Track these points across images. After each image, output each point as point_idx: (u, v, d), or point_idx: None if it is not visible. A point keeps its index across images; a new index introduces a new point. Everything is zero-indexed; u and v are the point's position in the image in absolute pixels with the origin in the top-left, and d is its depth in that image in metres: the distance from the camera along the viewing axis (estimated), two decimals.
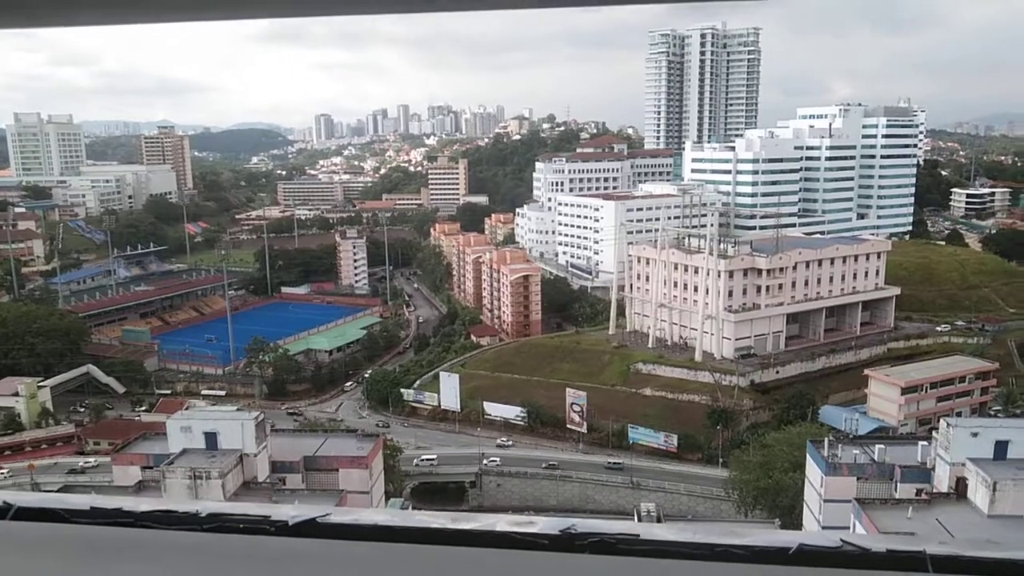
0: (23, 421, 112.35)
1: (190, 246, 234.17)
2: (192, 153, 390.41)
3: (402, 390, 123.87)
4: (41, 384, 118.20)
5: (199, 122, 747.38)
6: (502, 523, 2.25)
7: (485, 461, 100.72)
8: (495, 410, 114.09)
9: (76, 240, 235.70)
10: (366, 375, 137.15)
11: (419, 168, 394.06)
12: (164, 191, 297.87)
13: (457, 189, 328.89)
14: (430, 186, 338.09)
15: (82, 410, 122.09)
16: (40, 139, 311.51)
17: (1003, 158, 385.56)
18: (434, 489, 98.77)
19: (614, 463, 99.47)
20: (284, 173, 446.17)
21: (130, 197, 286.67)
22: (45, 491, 58.50)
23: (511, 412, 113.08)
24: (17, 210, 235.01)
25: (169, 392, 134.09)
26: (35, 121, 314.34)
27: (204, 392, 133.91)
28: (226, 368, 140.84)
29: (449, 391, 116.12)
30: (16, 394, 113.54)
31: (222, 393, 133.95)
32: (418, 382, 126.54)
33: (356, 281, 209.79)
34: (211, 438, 56.64)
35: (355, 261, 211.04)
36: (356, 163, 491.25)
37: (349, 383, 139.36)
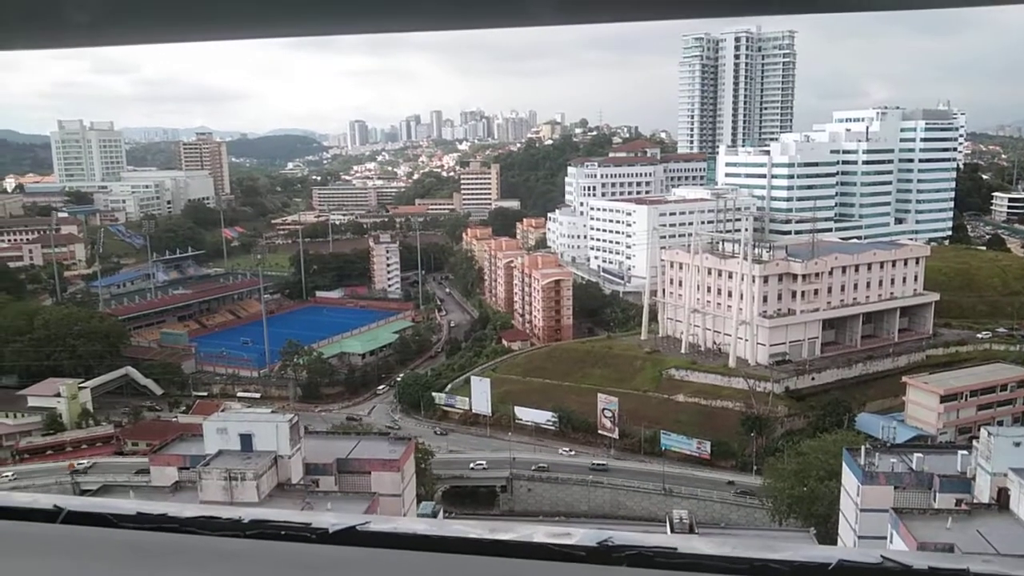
0: (64, 421, 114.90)
1: (227, 250, 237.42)
2: (229, 159, 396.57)
3: (434, 394, 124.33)
4: (82, 385, 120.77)
5: (236, 129, 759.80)
6: (539, 534, 2.23)
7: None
8: (526, 415, 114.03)
9: (116, 244, 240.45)
10: (398, 379, 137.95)
11: (451, 173, 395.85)
12: (202, 196, 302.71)
13: (489, 194, 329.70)
14: (462, 191, 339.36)
15: (124, 411, 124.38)
16: (83, 145, 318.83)
17: None
18: (465, 493, 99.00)
19: (598, 464, 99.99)
20: (319, 178, 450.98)
21: (169, 202, 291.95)
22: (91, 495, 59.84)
23: (542, 417, 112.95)
24: (60, 215, 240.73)
25: (205, 394, 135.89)
26: (77, 128, 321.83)
27: (240, 394, 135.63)
28: (261, 371, 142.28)
29: (480, 395, 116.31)
30: (58, 395, 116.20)
31: (257, 395, 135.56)
32: (449, 386, 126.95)
33: (389, 285, 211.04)
34: (246, 440, 57.35)
35: (388, 265, 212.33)
36: (389, 168, 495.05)
37: (382, 386, 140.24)
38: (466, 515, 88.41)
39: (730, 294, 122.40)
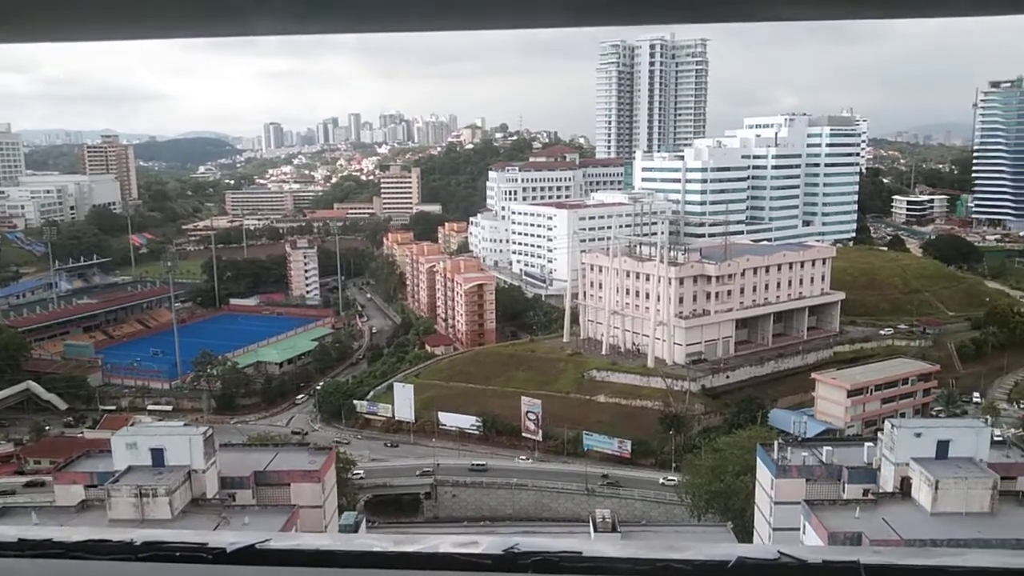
0: None
1: (135, 258, 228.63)
2: (137, 162, 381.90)
3: (355, 402, 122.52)
4: None
5: (144, 131, 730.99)
6: (445, 544, 2.22)
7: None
8: (450, 420, 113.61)
9: (15, 252, 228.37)
10: (318, 387, 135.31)
11: (371, 177, 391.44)
12: (108, 201, 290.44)
13: (410, 198, 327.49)
14: (382, 195, 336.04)
15: (25, 428, 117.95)
16: None
17: (941, 166, 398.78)
18: (388, 501, 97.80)
19: (477, 465, 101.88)
20: (232, 182, 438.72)
21: (72, 208, 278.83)
22: None
23: (466, 422, 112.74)
24: None
25: (114, 408, 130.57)
26: None
27: (150, 407, 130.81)
28: (173, 382, 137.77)
29: (403, 402, 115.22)
30: None
31: (169, 408, 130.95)
32: (372, 393, 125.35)
33: (307, 292, 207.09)
34: (158, 454, 55.16)
35: (306, 271, 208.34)
36: (306, 172, 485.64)
37: (301, 396, 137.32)
38: (389, 523, 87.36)
39: (648, 296, 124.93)
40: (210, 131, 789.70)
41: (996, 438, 62.73)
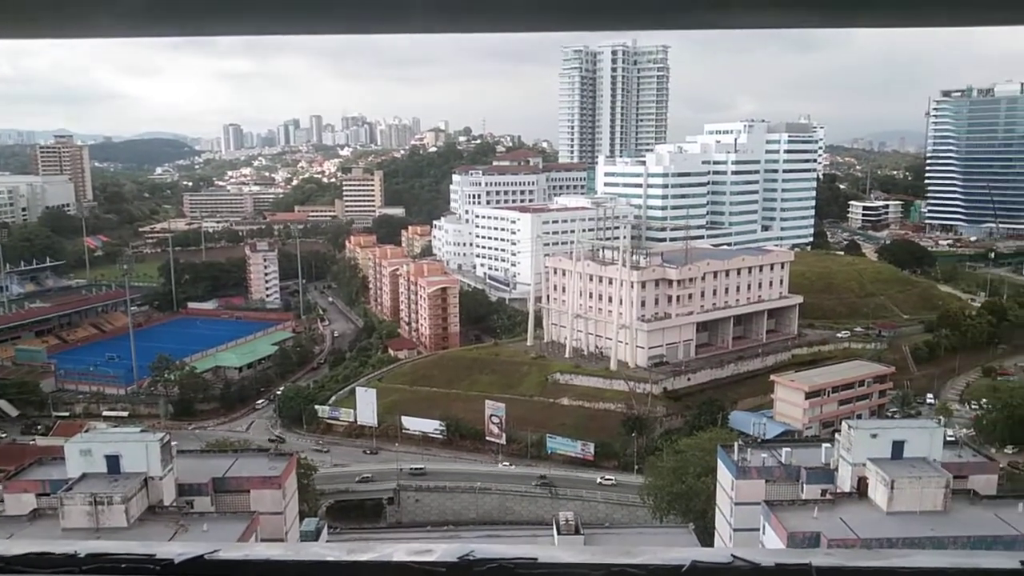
0: None
1: (90, 260, 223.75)
2: (92, 163, 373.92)
3: (316, 407, 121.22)
4: None
5: (99, 131, 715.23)
6: (399, 552, 2.18)
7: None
8: (413, 424, 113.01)
9: None
10: (279, 392, 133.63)
11: (333, 179, 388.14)
12: (61, 203, 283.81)
13: (373, 201, 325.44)
14: (345, 198, 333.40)
15: None
16: None
17: (895, 172, 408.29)
18: (350, 507, 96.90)
19: (416, 468, 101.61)
20: (190, 184, 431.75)
21: (24, 209, 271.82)
22: None
23: (430, 426, 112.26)
24: None
25: (67, 414, 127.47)
26: None
27: (105, 413, 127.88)
28: (129, 388, 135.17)
29: (366, 406, 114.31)
30: None
31: (125, 414, 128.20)
32: (333, 398, 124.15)
33: (267, 295, 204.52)
34: (113, 461, 53.95)
35: (266, 275, 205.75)
36: (267, 174, 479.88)
37: (261, 401, 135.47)
38: (351, 530, 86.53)
39: (610, 299, 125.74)
40: (168, 132, 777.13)
41: (949, 438, 64.33)
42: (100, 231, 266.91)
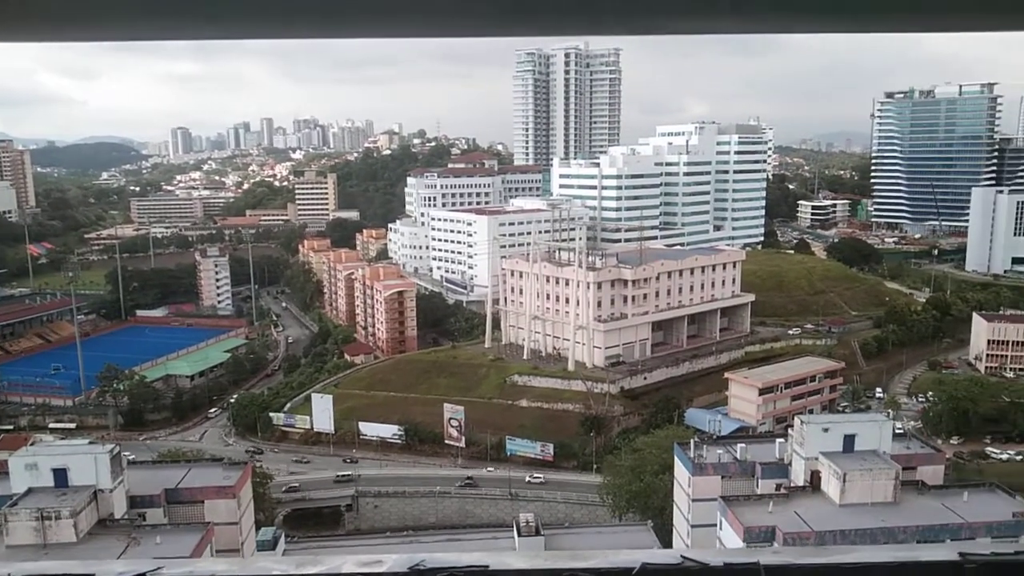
0: None
1: (33, 268, 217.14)
2: (34, 168, 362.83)
3: (271, 414, 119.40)
4: None
5: (42, 135, 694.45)
6: (349, 564, 2.13)
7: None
8: (371, 430, 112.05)
9: None
10: (232, 400, 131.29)
11: (285, 183, 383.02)
12: (2, 210, 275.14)
13: (326, 204, 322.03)
14: (297, 201, 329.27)
15: None
16: None
17: (842, 172, 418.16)
18: (308, 515, 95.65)
19: (343, 476, 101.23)
20: (138, 189, 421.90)
21: None
22: None
23: (388, 431, 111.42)
24: None
25: (11, 427, 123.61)
26: None
27: (52, 425, 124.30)
28: (76, 399, 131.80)
29: (322, 413, 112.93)
30: None
31: (72, 426, 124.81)
32: (289, 405, 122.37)
33: (219, 301, 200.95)
34: (60, 475, 52.41)
35: (217, 280, 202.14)
36: (217, 178, 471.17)
37: (214, 409, 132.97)
38: (309, 538, 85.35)
39: (567, 300, 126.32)
40: (114, 136, 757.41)
41: (897, 431, 65.96)
42: (44, 238, 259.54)
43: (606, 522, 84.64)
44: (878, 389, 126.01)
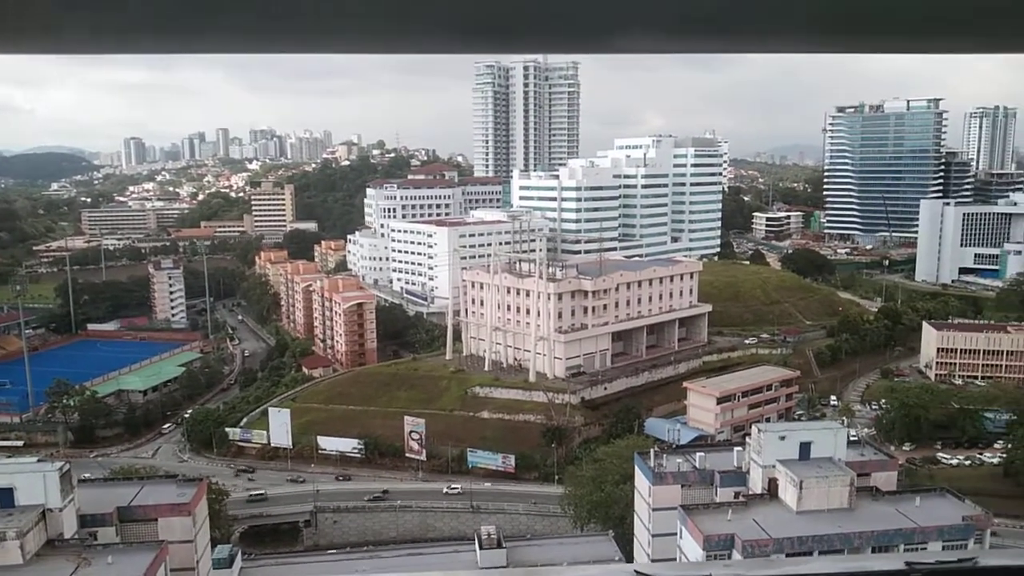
0: None
1: None
2: None
3: (227, 429, 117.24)
4: None
5: None
6: None
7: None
8: (330, 444, 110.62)
9: None
10: (186, 415, 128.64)
11: (241, 194, 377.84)
12: None
13: (283, 215, 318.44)
14: (254, 212, 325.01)
15: None
16: None
17: (796, 185, 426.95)
18: (265, 531, 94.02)
19: (256, 494, 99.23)
20: (89, 200, 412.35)
21: None
22: None
23: (347, 445, 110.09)
24: None
25: None
26: None
27: None
28: (24, 415, 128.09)
29: (279, 427, 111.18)
30: None
31: (20, 443, 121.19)
32: (245, 420, 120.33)
33: (173, 315, 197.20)
34: (6, 494, 50.82)
35: (171, 293, 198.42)
36: (171, 189, 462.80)
37: (168, 425, 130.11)
38: (267, 555, 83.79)
39: (528, 311, 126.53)
40: (64, 146, 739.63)
41: (852, 438, 67.23)
42: None
43: (568, 533, 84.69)
44: (832, 397, 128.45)
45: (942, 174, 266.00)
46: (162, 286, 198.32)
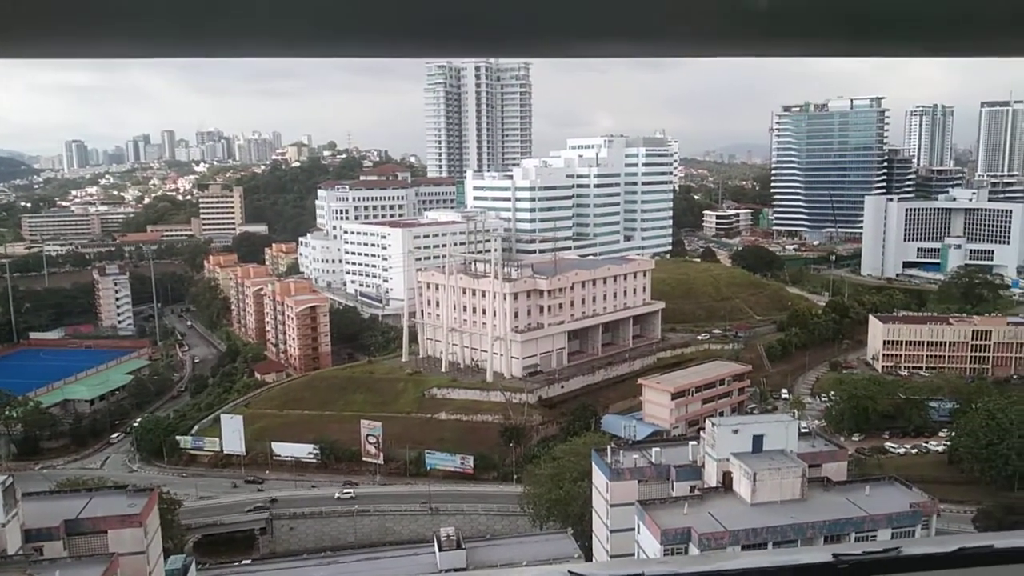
0: None
1: None
2: None
3: (178, 437, 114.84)
4: None
5: None
6: None
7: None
8: (284, 450, 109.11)
9: None
10: (135, 424, 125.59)
11: (188, 197, 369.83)
12: None
13: (233, 218, 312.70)
14: (202, 216, 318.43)
15: None
16: None
17: (745, 183, 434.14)
18: (220, 540, 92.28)
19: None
20: (29, 205, 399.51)
21: None
22: None
23: (302, 450, 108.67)
24: None
25: None
26: None
27: None
28: None
29: (232, 434, 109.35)
30: None
31: None
32: (196, 427, 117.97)
33: (119, 321, 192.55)
34: None
35: (117, 299, 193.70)
36: (115, 193, 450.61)
37: (116, 434, 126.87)
38: (221, 564, 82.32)
39: (484, 312, 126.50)
40: (3, 149, 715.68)
41: (803, 430, 68.69)
42: None
43: (527, 532, 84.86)
44: (783, 390, 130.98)
45: (885, 171, 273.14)
46: (108, 292, 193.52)
